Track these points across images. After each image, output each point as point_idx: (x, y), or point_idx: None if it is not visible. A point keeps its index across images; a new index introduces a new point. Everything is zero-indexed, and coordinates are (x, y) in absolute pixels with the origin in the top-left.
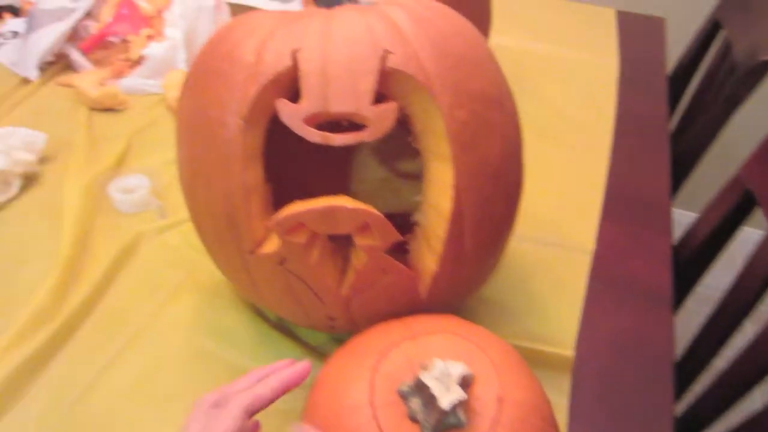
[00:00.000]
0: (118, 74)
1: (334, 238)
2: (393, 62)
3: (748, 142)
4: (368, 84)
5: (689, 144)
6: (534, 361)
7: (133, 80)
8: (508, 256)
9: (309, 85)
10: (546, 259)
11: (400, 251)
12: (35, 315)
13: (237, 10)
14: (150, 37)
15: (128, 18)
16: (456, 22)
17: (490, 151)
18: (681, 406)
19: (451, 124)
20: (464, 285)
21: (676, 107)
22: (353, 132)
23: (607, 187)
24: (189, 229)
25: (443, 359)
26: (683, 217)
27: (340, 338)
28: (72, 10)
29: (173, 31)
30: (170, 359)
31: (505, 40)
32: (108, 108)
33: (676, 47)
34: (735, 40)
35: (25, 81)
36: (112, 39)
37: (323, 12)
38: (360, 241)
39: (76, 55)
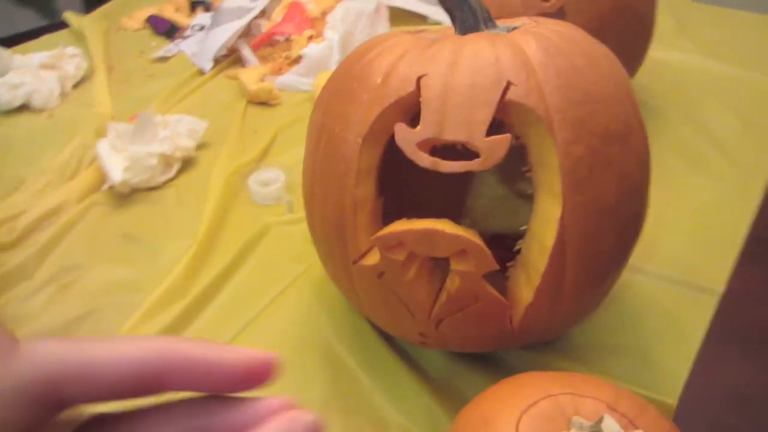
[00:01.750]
0: (278, 71)
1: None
2: (514, 94)
3: None
4: (484, 115)
5: None
6: None
7: (289, 77)
8: (622, 289)
9: (427, 111)
10: (665, 296)
11: (501, 273)
12: (169, 292)
13: (396, 12)
14: (311, 38)
15: (294, 19)
16: (592, 53)
17: (605, 187)
18: None
19: (566, 160)
20: (560, 319)
21: None
22: (464, 160)
23: (752, 227)
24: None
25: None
26: None
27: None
28: (249, 9)
29: (332, 33)
30: (284, 342)
31: (668, 54)
32: (263, 102)
33: None
34: None
35: (200, 72)
36: (277, 38)
37: (456, 39)
38: (456, 265)
39: (246, 51)
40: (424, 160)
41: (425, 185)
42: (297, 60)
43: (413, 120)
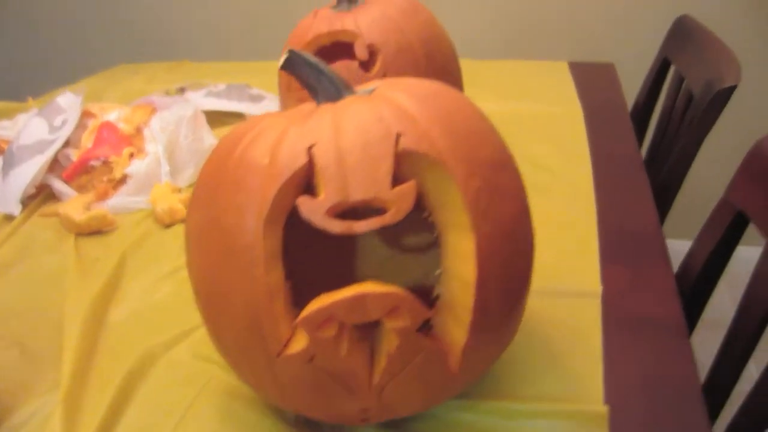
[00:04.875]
0: (103, 196)
1: (359, 325)
2: (406, 143)
3: (721, 163)
4: (386, 168)
5: (667, 174)
6: (570, 418)
7: (119, 199)
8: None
9: (327, 177)
10: (558, 309)
11: (423, 329)
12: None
13: (212, 116)
14: (132, 156)
15: (108, 140)
16: (453, 96)
17: (504, 213)
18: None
19: (468, 194)
20: (493, 352)
21: (642, 141)
22: (375, 217)
23: (599, 230)
24: (195, 340)
25: None
26: (676, 245)
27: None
28: (51, 142)
29: (154, 146)
30: None
31: (478, 105)
32: (95, 231)
33: (628, 88)
34: (687, 73)
35: (8, 217)
36: (93, 163)
37: (330, 107)
38: (390, 324)
39: (58, 184)
40: (336, 226)
41: (313, 262)
42: (122, 180)
43: (307, 192)
